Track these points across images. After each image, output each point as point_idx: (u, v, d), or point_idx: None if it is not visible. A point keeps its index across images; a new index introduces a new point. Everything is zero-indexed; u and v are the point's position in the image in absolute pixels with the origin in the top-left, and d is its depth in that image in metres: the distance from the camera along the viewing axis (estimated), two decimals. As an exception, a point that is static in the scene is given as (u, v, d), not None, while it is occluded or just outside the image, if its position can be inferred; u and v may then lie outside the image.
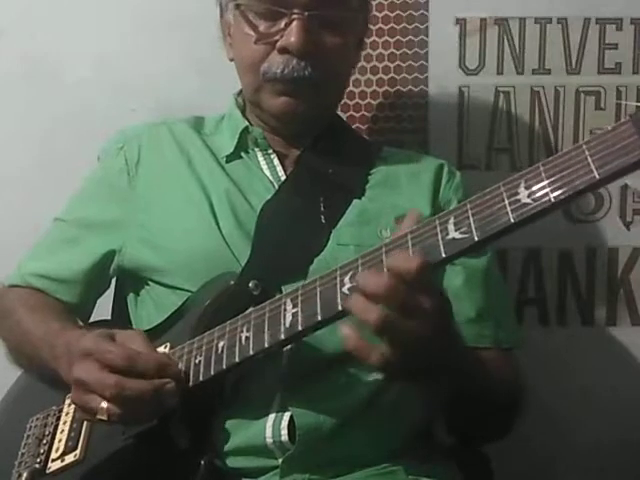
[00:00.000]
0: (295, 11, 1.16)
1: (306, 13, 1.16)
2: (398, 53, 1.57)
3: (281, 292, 1.09)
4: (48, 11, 1.56)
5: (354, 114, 1.59)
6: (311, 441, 1.10)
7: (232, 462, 1.11)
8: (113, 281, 1.34)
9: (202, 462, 1.06)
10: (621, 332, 1.65)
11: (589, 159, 0.84)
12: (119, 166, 1.29)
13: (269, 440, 1.10)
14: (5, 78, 1.58)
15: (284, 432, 1.10)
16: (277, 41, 1.18)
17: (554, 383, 1.64)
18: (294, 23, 1.16)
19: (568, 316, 1.65)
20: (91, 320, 1.33)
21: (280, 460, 1.10)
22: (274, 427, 1.10)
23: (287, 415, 1.10)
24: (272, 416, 1.11)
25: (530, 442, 1.62)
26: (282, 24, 1.18)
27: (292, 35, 1.16)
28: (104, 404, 1.01)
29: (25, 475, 1.12)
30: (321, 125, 1.29)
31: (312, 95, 1.20)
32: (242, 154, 1.28)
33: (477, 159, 1.60)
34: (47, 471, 1.12)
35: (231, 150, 1.28)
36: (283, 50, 1.18)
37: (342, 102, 1.55)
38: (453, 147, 1.60)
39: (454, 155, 1.59)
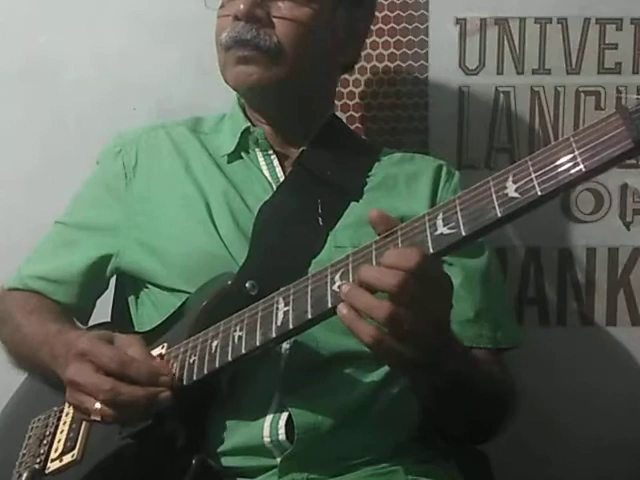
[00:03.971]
0: None
1: None
2: (398, 53, 1.57)
3: (278, 293, 1.09)
4: (48, 11, 1.56)
5: (354, 114, 1.59)
6: (309, 440, 1.10)
7: (230, 462, 1.11)
8: (113, 282, 1.35)
9: (193, 461, 1.06)
10: (621, 332, 1.65)
11: (576, 152, 0.84)
12: (117, 169, 1.29)
13: (267, 440, 1.10)
14: (5, 78, 1.58)
15: (282, 431, 1.10)
16: None
17: (554, 383, 1.63)
18: None
19: (568, 316, 1.65)
20: (92, 322, 1.34)
21: (278, 460, 1.10)
22: (272, 427, 1.10)
23: (285, 415, 1.11)
24: (270, 416, 1.11)
25: (529, 442, 1.62)
26: None
27: (241, 1, 1.19)
28: (97, 405, 1.02)
29: (25, 475, 1.12)
30: (318, 122, 1.30)
31: (266, 62, 1.20)
32: (242, 154, 1.29)
33: (477, 159, 1.60)
34: (46, 471, 1.12)
35: (232, 149, 1.28)
36: (235, 18, 1.21)
37: (342, 102, 1.56)
38: (453, 147, 1.59)
39: (454, 155, 1.58)
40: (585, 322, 1.65)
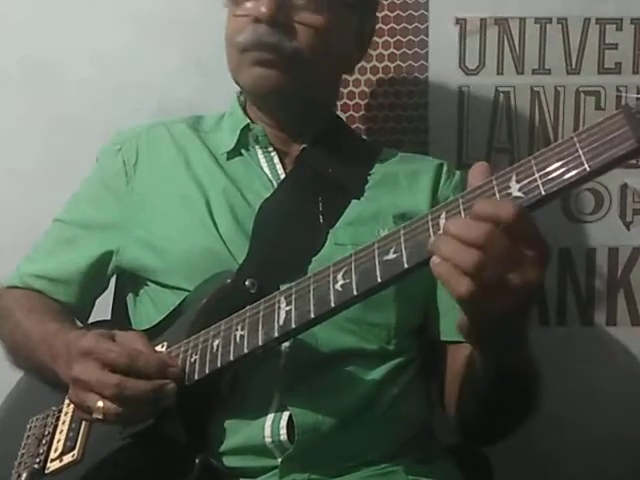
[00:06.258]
0: None
1: None
2: (398, 53, 1.57)
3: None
4: (48, 11, 1.56)
5: (354, 114, 1.59)
6: (310, 441, 1.10)
7: (231, 462, 1.11)
8: (113, 281, 1.35)
9: (197, 460, 1.06)
10: (621, 332, 1.65)
11: (580, 151, 0.84)
12: (117, 167, 1.29)
13: (268, 440, 1.10)
14: (5, 78, 1.58)
15: (283, 432, 1.10)
16: None
17: (554, 383, 1.63)
18: None
19: (568, 316, 1.65)
20: (91, 320, 1.34)
21: (279, 460, 1.10)
22: (273, 427, 1.10)
23: (286, 415, 1.10)
24: (271, 416, 1.11)
25: (529, 442, 1.61)
26: None
27: (263, 4, 1.18)
28: (100, 403, 1.01)
29: (24, 475, 1.12)
30: (319, 121, 1.29)
31: (285, 67, 1.19)
32: (242, 151, 1.28)
33: (477, 159, 1.59)
34: (46, 471, 1.12)
35: (231, 147, 1.27)
36: (256, 20, 1.19)
37: (342, 102, 1.56)
38: (453, 147, 1.59)
39: (454, 155, 1.58)
40: (585, 322, 1.65)
